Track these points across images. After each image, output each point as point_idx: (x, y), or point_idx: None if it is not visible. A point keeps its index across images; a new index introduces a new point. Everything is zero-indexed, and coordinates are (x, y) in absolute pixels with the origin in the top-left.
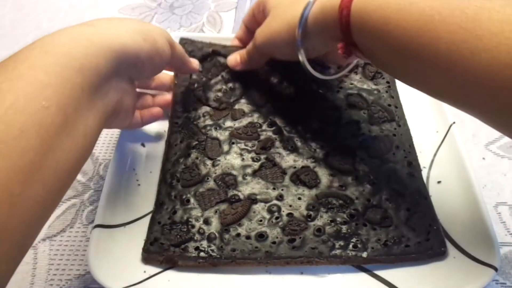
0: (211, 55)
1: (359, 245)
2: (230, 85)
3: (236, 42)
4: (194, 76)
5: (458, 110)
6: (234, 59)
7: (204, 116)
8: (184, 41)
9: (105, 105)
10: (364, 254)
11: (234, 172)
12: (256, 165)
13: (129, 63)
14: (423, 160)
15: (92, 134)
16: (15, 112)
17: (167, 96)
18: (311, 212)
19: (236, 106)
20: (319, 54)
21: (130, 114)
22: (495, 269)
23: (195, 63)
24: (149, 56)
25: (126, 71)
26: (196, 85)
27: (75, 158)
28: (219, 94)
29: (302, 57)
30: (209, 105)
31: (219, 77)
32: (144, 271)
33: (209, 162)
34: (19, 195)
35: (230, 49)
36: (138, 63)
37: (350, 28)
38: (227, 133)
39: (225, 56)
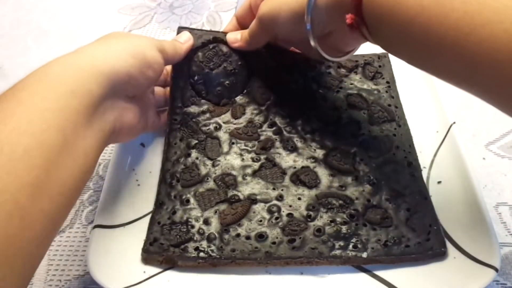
0: (212, 42)
1: (359, 246)
2: (232, 78)
3: (234, 22)
4: (194, 68)
5: (458, 110)
6: (234, 36)
7: (203, 112)
8: (181, 30)
9: (103, 125)
10: (364, 255)
11: (234, 172)
12: (256, 165)
13: (122, 82)
14: (423, 160)
15: (92, 153)
16: (18, 134)
17: None
18: (311, 212)
19: (237, 103)
20: (323, 33)
21: (136, 127)
22: (496, 269)
23: (185, 42)
24: (140, 71)
25: (120, 90)
26: (196, 78)
27: (78, 176)
28: (220, 88)
29: (312, 40)
30: (209, 100)
31: (221, 68)
32: (144, 272)
33: (209, 162)
34: (28, 208)
35: None
36: (130, 80)
37: (362, 1)
38: (227, 133)
39: (227, 45)
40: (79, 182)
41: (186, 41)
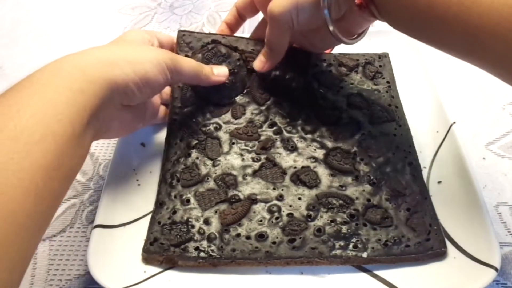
0: (211, 43)
1: (359, 245)
2: (231, 78)
3: (224, 27)
4: None
5: (458, 110)
6: (259, 60)
7: (203, 113)
8: (182, 33)
9: (97, 124)
10: (364, 254)
11: (234, 172)
12: (256, 165)
13: (119, 92)
14: (423, 160)
15: (87, 150)
16: (35, 122)
17: None
18: (311, 212)
19: (237, 104)
20: (338, 16)
21: (119, 131)
22: (496, 269)
23: (218, 76)
24: (138, 87)
25: (116, 98)
26: None
27: (78, 165)
28: (220, 88)
29: (331, 25)
30: (209, 100)
31: None
32: (144, 271)
33: (209, 162)
34: (42, 188)
35: (230, 39)
36: (128, 92)
37: None
38: (227, 133)
39: (225, 45)
40: (76, 171)
41: (219, 74)
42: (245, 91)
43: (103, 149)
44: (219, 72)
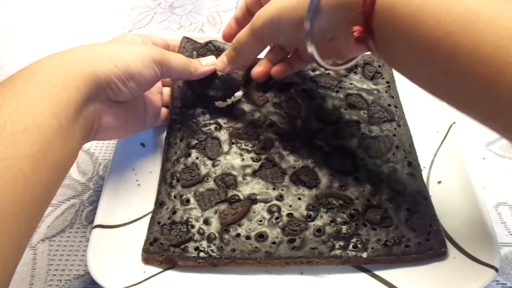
0: (208, 43)
1: (359, 245)
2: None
3: (233, 22)
4: None
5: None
6: (221, 60)
7: (203, 112)
8: (186, 40)
9: (85, 121)
10: (364, 254)
11: (234, 172)
12: (256, 165)
13: (102, 87)
14: (423, 160)
15: (77, 144)
16: (18, 114)
17: None
18: (311, 212)
19: (236, 102)
20: (324, 39)
21: (114, 130)
22: (496, 269)
23: (206, 65)
24: (121, 80)
25: (102, 94)
26: None
27: (67, 161)
28: (216, 82)
29: (309, 47)
30: (205, 96)
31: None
32: (144, 272)
33: (209, 162)
34: (30, 177)
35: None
36: (111, 86)
37: (372, 13)
38: (227, 133)
39: (220, 42)
40: (66, 166)
41: (208, 64)
42: (242, 94)
43: (103, 149)
44: (207, 62)
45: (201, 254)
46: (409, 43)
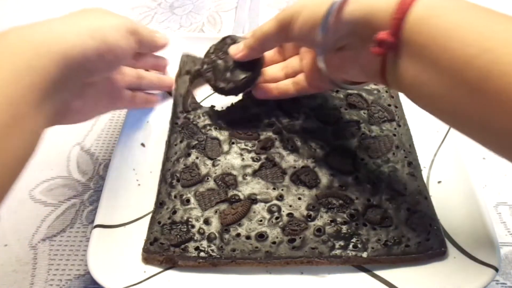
0: (225, 38)
1: (359, 245)
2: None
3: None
4: (205, 59)
5: None
6: (236, 46)
7: (203, 116)
8: (185, 55)
9: (52, 106)
10: (364, 254)
11: (234, 172)
12: (256, 165)
13: (77, 64)
14: (423, 160)
15: (38, 133)
16: None
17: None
18: (311, 212)
19: (236, 102)
20: (332, 46)
21: (83, 114)
22: (496, 269)
23: (163, 37)
24: (98, 54)
25: (75, 73)
26: (205, 67)
27: (24, 151)
28: (227, 74)
29: (320, 62)
30: (216, 87)
31: (228, 56)
32: (144, 271)
33: (209, 162)
34: None
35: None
36: (86, 63)
37: (402, 20)
38: (227, 133)
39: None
40: (24, 159)
41: (162, 37)
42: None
43: (103, 149)
44: (160, 36)
45: (201, 254)
46: (442, 55)
